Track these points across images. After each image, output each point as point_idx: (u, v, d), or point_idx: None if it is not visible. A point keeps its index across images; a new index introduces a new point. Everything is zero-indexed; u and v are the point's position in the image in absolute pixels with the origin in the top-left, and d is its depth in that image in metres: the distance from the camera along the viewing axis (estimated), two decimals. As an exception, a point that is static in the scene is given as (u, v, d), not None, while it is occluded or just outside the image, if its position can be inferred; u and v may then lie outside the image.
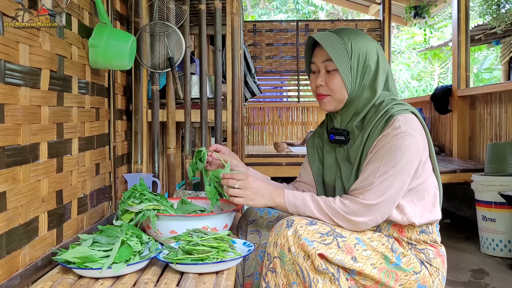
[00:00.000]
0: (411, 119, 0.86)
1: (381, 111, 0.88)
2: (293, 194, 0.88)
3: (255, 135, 4.47)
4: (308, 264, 0.80)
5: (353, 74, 0.88)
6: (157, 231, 0.95)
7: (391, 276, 0.83)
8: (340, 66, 0.87)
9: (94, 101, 1.16)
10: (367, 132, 0.88)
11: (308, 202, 0.86)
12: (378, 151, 0.85)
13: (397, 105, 0.88)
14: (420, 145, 0.85)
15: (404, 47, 8.97)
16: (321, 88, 0.91)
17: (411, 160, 0.84)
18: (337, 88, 0.89)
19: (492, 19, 3.31)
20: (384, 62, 0.91)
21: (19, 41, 0.79)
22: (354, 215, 0.84)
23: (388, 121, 0.86)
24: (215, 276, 0.79)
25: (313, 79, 0.93)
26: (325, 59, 0.89)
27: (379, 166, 0.84)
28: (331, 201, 0.85)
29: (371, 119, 0.89)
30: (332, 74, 0.89)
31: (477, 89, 2.82)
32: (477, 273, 1.74)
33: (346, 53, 0.87)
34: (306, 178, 1.04)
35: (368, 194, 0.83)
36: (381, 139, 0.85)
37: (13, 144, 0.77)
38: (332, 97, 0.90)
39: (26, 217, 0.81)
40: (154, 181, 1.38)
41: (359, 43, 0.88)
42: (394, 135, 0.83)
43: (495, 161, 1.99)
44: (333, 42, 0.87)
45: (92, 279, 0.77)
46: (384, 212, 0.84)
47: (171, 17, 1.41)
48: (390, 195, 0.83)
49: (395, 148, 0.83)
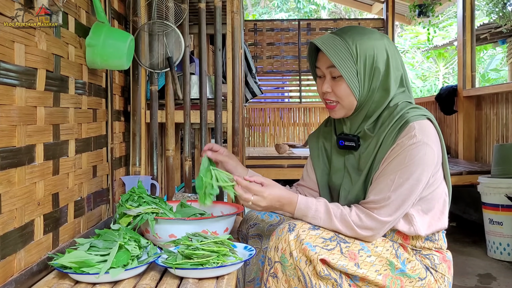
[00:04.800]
0: (427, 126, 0.83)
1: (396, 115, 0.84)
2: (306, 203, 0.84)
3: (256, 137, 4.46)
4: (310, 270, 0.78)
5: (360, 79, 0.83)
6: (156, 235, 0.94)
7: (396, 282, 0.82)
8: (345, 73, 0.82)
9: (91, 101, 1.15)
10: (380, 138, 0.84)
11: (320, 213, 0.83)
12: (392, 161, 0.82)
13: (412, 110, 0.84)
14: (435, 155, 0.82)
15: (408, 47, 8.92)
16: (328, 94, 0.87)
17: (426, 171, 0.82)
18: (344, 95, 0.85)
19: (498, 18, 3.26)
20: (396, 59, 0.86)
21: (14, 41, 0.78)
22: (365, 229, 0.82)
23: (403, 127, 0.82)
24: (215, 281, 0.78)
25: (319, 84, 0.89)
26: (329, 65, 0.85)
27: (394, 178, 0.81)
28: (346, 213, 0.83)
29: (384, 123, 0.85)
30: (338, 80, 0.85)
31: (483, 89, 2.80)
32: (484, 278, 1.72)
33: (351, 58, 0.82)
34: (309, 182, 1.02)
35: (384, 210, 0.81)
36: (396, 149, 0.82)
37: (8, 146, 0.76)
38: (341, 104, 0.86)
39: (21, 221, 0.80)
40: (153, 183, 1.38)
41: (365, 44, 0.83)
42: (409, 145, 0.80)
43: (502, 163, 1.97)
44: (336, 47, 0.82)
45: (89, 284, 0.77)
46: (394, 225, 0.84)
47: (170, 16, 1.40)
48: (404, 209, 0.83)
49: (409, 159, 0.80)
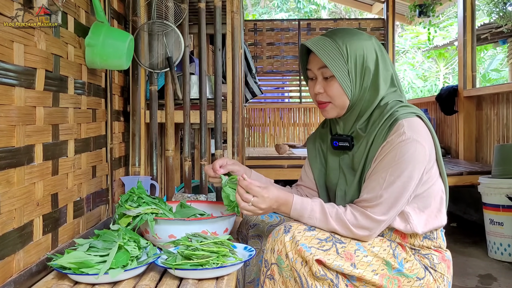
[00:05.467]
0: (416, 123, 0.83)
1: (386, 114, 0.85)
2: (302, 203, 0.84)
3: (256, 137, 4.45)
4: (306, 270, 0.78)
5: (351, 78, 0.85)
6: (156, 236, 0.94)
7: (394, 282, 0.81)
8: (337, 72, 0.84)
9: (91, 101, 1.15)
10: (371, 137, 0.85)
11: (315, 213, 0.83)
12: (383, 159, 0.83)
13: (402, 108, 0.85)
14: (427, 151, 0.82)
15: (408, 47, 8.91)
16: (320, 95, 0.88)
17: (418, 168, 0.81)
18: (337, 95, 0.86)
19: (498, 18, 3.26)
20: (384, 60, 0.87)
21: (13, 40, 0.78)
22: (361, 228, 0.82)
23: (393, 125, 0.83)
24: (215, 282, 0.78)
25: (311, 86, 0.90)
26: (320, 66, 0.86)
27: (385, 176, 0.81)
28: (341, 213, 0.83)
29: (375, 122, 0.86)
30: (330, 80, 0.86)
31: (484, 89, 2.79)
32: (485, 278, 1.71)
33: (342, 58, 0.84)
34: (308, 182, 1.02)
35: (378, 208, 0.81)
36: (386, 146, 0.83)
37: (7, 146, 0.76)
38: (333, 104, 0.87)
39: (20, 221, 0.80)
40: (152, 184, 1.37)
41: (355, 44, 0.84)
42: (398, 142, 0.81)
43: (503, 163, 1.96)
44: (327, 48, 0.84)
45: (88, 285, 0.76)
46: (389, 223, 0.84)
47: (169, 15, 1.40)
48: (399, 207, 0.83)
49: (400, 156, 0.80)
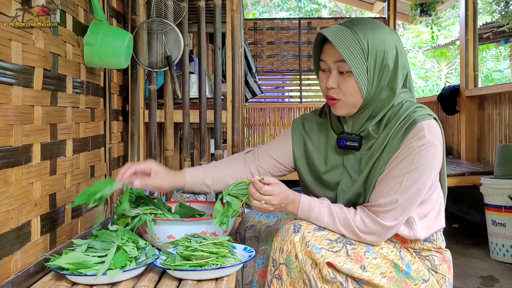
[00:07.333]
0: (435, 126, 0.80)
1: (402, 115, 0.81)
2: (309, 203, 0.82)
3: (255, 137, 4.43)
4: (316, 273, 0.77)
5: (369, 76, 0.79)
6: (154, 236, 0.93)
7: (401, 285, 0.80)
8: (355, 69, 0.78)
9: (89, 101, 1.14)
10: (386, 139, 0.81)
11: (323, 216, 0.81)
12: (399, 163, 0.79)
13: (418, 109, 0.82)
14: (441, 155, 0.81)
15: (410, 46, 8.89)
16: (332, 90, 0.81)
17: (433, 173, 0.80)
18: (351, 92, 0.80)
19: (500, 17, 3.24)
20: (403, 57, 0.82)
21: (11, 39, 0.78)
22: (369, 234, 0.80)
23: (410, 128, 0.79)
24: (215, 283, 0.77)
25: (323, 79, 0.83)
26: (337, 60, 0.80)
27: (401, 181, 0.78)
28: (350, 218, 0.80)
29: (390, 123, 0.81)
30: (346, 76, 0.80)
31: (486, 89, 2.78)
32: (487, 280, 1.70)
33: (362, 53, 0.77)
34: (277, 154, 0.92)
35: (390, 213, 0.79)
36: (404, 151, 0.79)
37: (5, 146, 0.76)
38: (345, 102, 0.81)
39: (18, 222, 0.79)
40: (153, 183, 1.36)
41: (376, 39, 0.78)
42: (418, 147, 0.78)
43: (505, 164, 1.95)
44: (346, 41, 0.77)
45: (86, 286, 0.76)
46: (398, 229, 0.82)
47: (169, 14, 1.39)
48: (408, 213, 0.81)
49: (417, 161, 0.78)
